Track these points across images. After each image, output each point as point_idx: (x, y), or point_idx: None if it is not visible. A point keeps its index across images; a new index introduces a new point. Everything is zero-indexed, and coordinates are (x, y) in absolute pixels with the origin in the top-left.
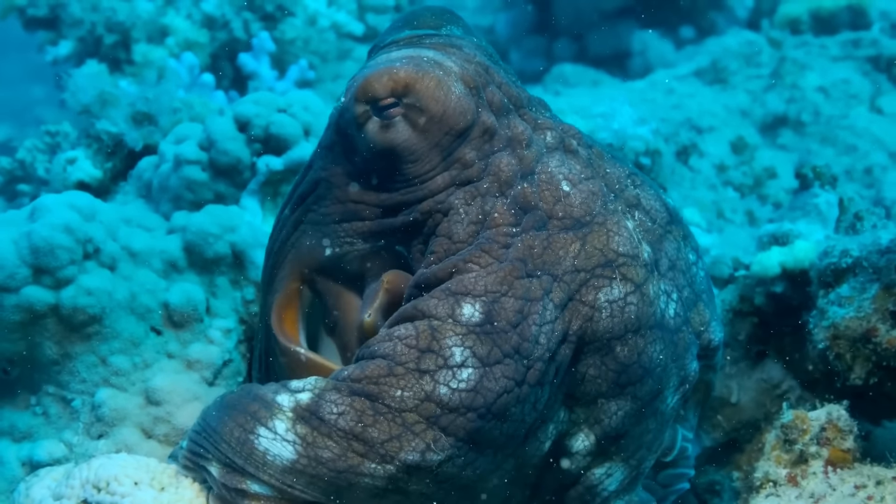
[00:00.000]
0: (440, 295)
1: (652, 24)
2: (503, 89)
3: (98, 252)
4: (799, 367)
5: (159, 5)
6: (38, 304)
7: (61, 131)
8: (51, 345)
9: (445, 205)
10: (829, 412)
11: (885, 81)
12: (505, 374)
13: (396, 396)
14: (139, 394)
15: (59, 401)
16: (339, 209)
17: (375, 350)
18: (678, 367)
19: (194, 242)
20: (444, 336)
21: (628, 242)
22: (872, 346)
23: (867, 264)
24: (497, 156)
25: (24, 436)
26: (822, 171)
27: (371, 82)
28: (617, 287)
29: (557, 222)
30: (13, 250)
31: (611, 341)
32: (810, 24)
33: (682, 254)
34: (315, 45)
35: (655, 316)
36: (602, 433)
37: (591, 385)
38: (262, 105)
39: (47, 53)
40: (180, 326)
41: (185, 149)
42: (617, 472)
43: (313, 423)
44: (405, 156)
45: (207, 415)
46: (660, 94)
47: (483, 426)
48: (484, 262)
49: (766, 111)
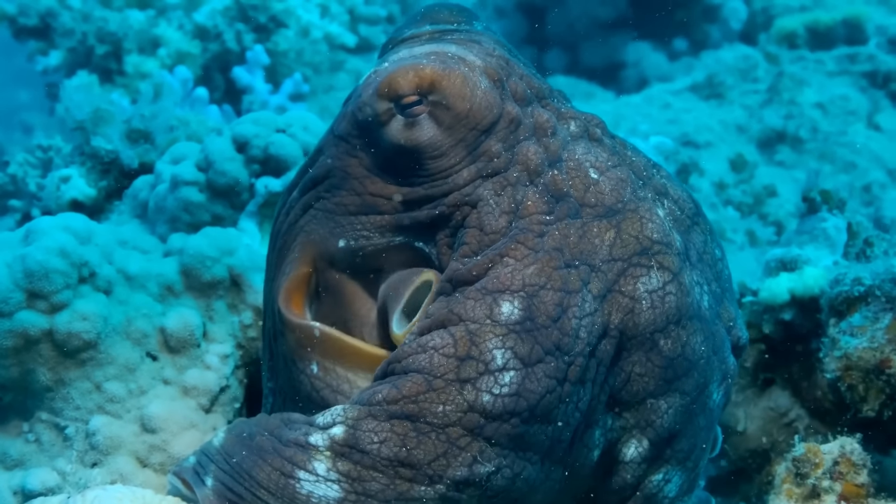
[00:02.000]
0: (476, 295)
1: (645, 35)
2: (525, 80)
3: (94, 276)
4: (807, 395)
5: (151, 16)
6: (32, 329)
7: (53, 146)
8: (44, 371)
9: (474, 196)
10: (843, 445)
11: (883, 98)
12: (546, 373)
13: (438, 412)
14: (134, 421)
15: (52, 428)
16: (355, 201)
17: (409, 364)
18: (719, 361)
19: (191, 266)
20: (484, 339)
21: (661, 229)
22: (886, 377)
23: (880, 293)
24: (523, 144)
25: (15, 463)
26: (830, 195)
27: (396, 78)
28: (655, 276)
29: (591, 210)
30: (7, 274)
31: (654, 335)
32: (806, 39)
33: (709, 247)
34: (308, 56)
35: (693, 306)
36: (655, 436)
37: (637, 384)
38: (260, 125)
39: (38, 63)
40: (177, 352)
41: (183, 169)
42: (675, 476)
43: (354, 457)
44: (430, 152)
45: (234, 452)
46: (656, 109)
47: (528, 430)
48: (520, 255)
49: (764, 127)
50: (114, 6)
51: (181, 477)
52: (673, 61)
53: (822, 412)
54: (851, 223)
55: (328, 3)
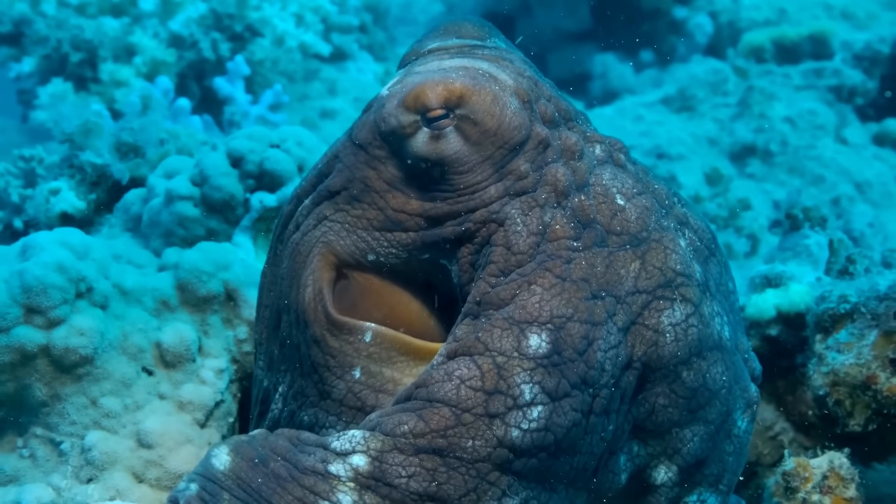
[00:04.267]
0: (503, 324)
1: (612, 47)
2: (553, 102)
3: (90, 291)
4: (792, 409)
5: (126, 24)
6: (30, 344)
7: (36, 156)
8: (40, 386)
9: (501, 214)
10: (831, 460)
11: (850, 112)
12: (573, 406)
13: (468, 447)
14: (130, 436)
15: (47, 443)
16: (377, 216)
17: (434, 393)
18: (741, 389)
19: (187, 280)
20: (512, 374)
21: (683, 261)
22: (872, 393)
23: (865, 310)
24: (551, 166)
25: (9, 479)
26: (812, 213)
27: (425, 90)
28: (678, 309)
29: (616, 238)
30: (4, 289)
31: (677, 367)
32: (773, 53)
33: (724, 279)
34: (283, 65)
35: (713, 337)
36: (683, 462)
37: (662, 415)
38: (255, 140)
39: (10, 70)
40: (172, 367)
41: (178, 184)
42: (709, 498)
43: (382, 491)
44: (456, 167)
45: (248, 479)
46: (629, 121)
47: (554, 463)
48: (548, 284)
49: (735, 140)
50: (88, 13)
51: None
52: (639, 73)
53: (807, 426)
54: (833, 240)
55: (303, 12)
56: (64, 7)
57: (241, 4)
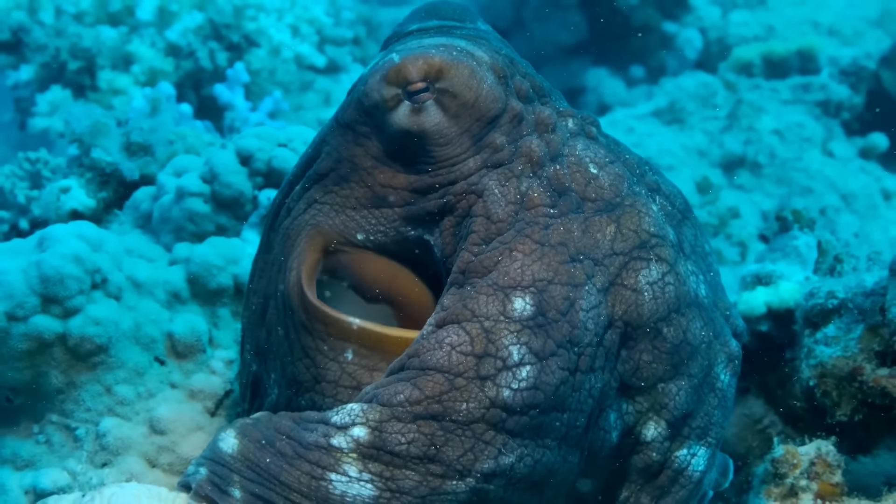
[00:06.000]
0: (488, 290)
1: (603, 62)
2: (528, 79)
3: (105, 282)
4: (781, 402)
5: (124, 33)
6: (47, 332)
7: (41, 158)
8: (56, 374)
9: (480, 186)
10: (819, 447)
11: (836, 126)
12: (560, 365)
13: (462, 410)
14: (143, 423)
15: (62, 429)
16: (365, 194)
17: (427, 361)
18: (721, 344)
19: (198, 274)
20: (500, 336)
21: (656, 223)
22: (858, 384)
23: (852, 306)
24: (526, 139)
25: (26, 464)
26: (802, 215)
27: (406, 65)
28: (654, 268)
29: (591, 204)
30: (22, 279)
31: (657, 323)
32: (762, 68)
33: (699, 241)
34: (279, 76)
35: (690, 294)
36: (671, 416)
37: (647, 371)
38: (263, 139)
39: (8, 77)
40: (183, 357)
41: (188, 181)
42: (699, 450)
43: (384, 458)
44: (436, 139)
45: (257, 459)
46: (620, 133)
47: (545, 420)
48: (528, 249)
49: (724, 152)
50: (86, 22)
51: (202, 494)
52: (631, 87)
53: (795, 418)
54: (821, 241)
55: (298, 23)
56: (62, 16)
57: (237, 15)
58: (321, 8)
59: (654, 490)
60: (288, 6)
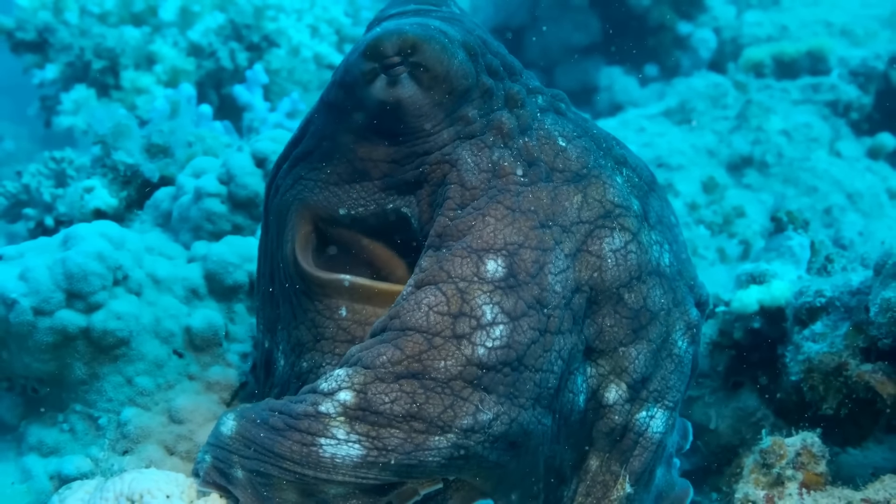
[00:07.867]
0: (462, 253)
1: (617, 61)
2: (499, 57)
3: (126, 279)
4: (773, 396)
5: (147, 33)
6: (71, 326)
7: (66, 157)
8: (80, 365)
9: (453, 156)
10: (804, 439)
11: (844, 126)
12: (531, 325)
13: (441, 368)
14: (162, 413)
15: (85, 418)
16: (346, 168)
17: (407, 322)
18: (681, 312)
19: (215, 271)
20: (474, 296)
21: (620, 194)
22: (843, 378)
23: (839, 304)
24: (496, 113)
25: (51, 451)
26: (795, 216)
27: (381, 40)
28: (618, 237)
29: (560, 175)
30: (48, 276)
31: (619, 289)
32: (773, 69)
33: (665, 213)
34: (298, 75)
35: (652, 263)
36: (631, 380)
37: (609, 334)
38: (278, 142)
39: (34, 76)
40: (201, 350)
41: (206, 182)
42: (658, 413)
43: (370, 419)
44: (411, 110)
45: (252, 436)
46: (631, 133)
47: (518, 378)
48: (500, 214)
49: (733, 151)
50: (110, 22)
51: (209, 481)
52: (644, 87)
53: (786, 412)
54: (814, 241)
55: (318, 23)
56: (87, 16)
57: (258, 15)
58: (340, 8)
59: (620, 455)
60: (307, 6)
